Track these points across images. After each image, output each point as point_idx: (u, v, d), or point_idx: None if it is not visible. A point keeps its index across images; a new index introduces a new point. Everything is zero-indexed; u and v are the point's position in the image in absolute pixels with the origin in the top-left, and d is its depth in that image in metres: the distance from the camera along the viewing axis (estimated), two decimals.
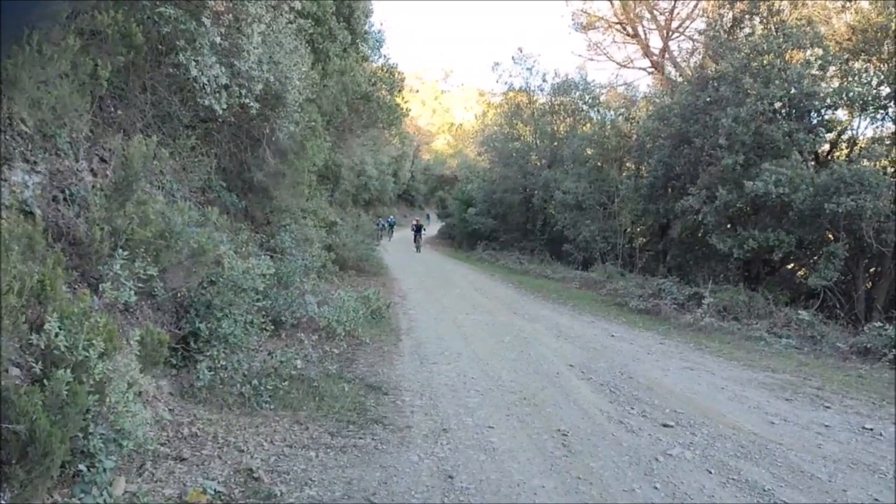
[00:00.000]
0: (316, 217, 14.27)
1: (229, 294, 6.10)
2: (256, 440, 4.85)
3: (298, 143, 10.27)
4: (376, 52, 19.71)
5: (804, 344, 10.74)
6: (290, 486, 4.17)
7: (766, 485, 4.77)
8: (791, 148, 13.34)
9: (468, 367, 8.25)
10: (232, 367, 5.77)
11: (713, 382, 8.06)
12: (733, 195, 13.60)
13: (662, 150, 17.57)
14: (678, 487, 4.66)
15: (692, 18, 23.94)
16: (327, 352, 7.95)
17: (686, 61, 22.75)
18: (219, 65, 6.37)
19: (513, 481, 4.62)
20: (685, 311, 13.26)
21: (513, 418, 6.20)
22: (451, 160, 55.46)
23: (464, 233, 34.28)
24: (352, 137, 18.55)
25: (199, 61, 6.18)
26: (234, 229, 8.47)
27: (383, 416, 5.91)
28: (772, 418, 6.58)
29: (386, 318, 10.89)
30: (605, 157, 23.17)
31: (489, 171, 33.74)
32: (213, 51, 6.36)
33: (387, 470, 4.65)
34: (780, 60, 13.47)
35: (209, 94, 6.41)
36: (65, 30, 4.56)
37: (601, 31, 26.54)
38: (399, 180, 47.37)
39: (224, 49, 6.63)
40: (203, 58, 6.19)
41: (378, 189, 35.63)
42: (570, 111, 27.97)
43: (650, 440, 5.74)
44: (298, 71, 8.40)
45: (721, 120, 13.87)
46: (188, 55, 6.09)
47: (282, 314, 8.05)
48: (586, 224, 21.80)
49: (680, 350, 10.11)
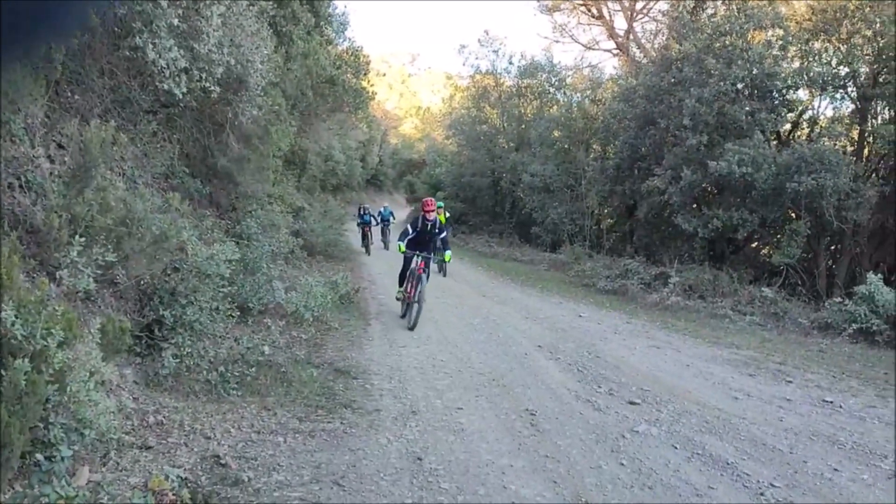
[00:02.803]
0: (283, 202, 14.12)
1: (194, 281, 6.03)
2: (223, 427, 4.81)
3: (262, 127, 10.14)
4: (341, 35, 19.51)
5: (767, 321, 10.96)
6: (257, 472, 4.15)
7: (730, 458, 4.87)
8: (754, 128, 13.53)
9: (437, 349, 8.28)
10: (198, 354, 5.71)
11: (679, 360, 8.19)
12: (698, 175, 13.77)
13: (628, 131, 17.71)
14: (644, 463, 4.74)
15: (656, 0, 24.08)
16: (295, 337, 7.90)
17: (650, 42, 22.93)
18: (177, 48, 6.25)
19: (481, 461, 4.65)
20: (652, 290, 13.45)
21: (482, 399, 6.24)
22: (419, 144, 55.19)
23: None
24: (318, 122, 18.35)
25: (157, 44, 6.05)
26: (198, 215, 8.35)
27: (352, 400, 5.90)
28: (736, 393, 6.71)
29: (355, 302, 10.84)
30: (572, 139, 23.27)
31: (457, 154, 33.70)
32: (172, 33, 6.23)
33: (355, 453, 4.65)
34: (742, 41, 13.63)
35: (168, 77, 6.29)
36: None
37: (566, 12, 26.60)
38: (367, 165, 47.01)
39: (182, 31, 6.50)
40: (161, 40, 6.06)
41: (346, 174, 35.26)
42: (537, 93, 28.00)
43: (617, 418, 5.82)
44: (261, 54, 8.27)
45: (685, 101, 14.01)
46: (145, 38, 5.96)
47: (249, 300, 7.97)
48: (554, 206, 21.92)
49: (646, 329, 10.24)
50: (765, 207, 13.20)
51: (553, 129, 24.31)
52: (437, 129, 47.12)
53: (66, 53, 5.08)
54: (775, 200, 12.94)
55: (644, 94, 16.49)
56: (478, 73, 30.63)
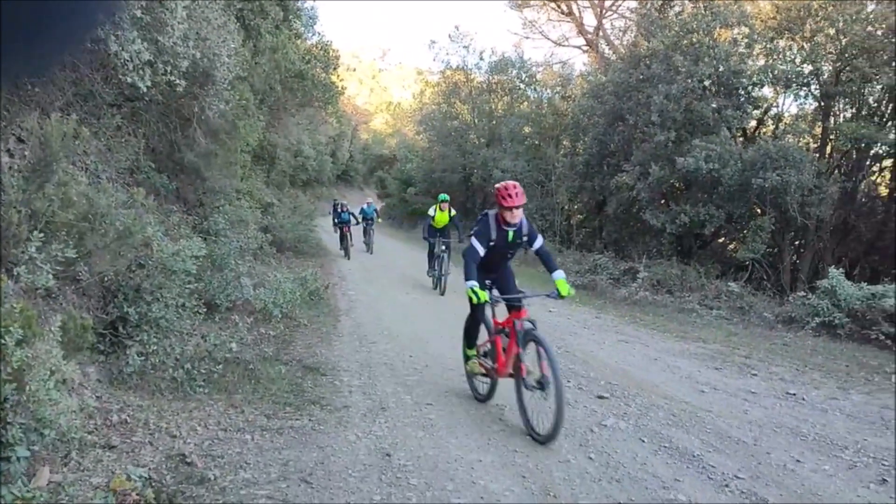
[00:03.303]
0: (251, 198, 13.98)
1: (159, 277, 5.93)
2: (190, 425, 4.74)
3: (230, 122, 10.03)
4: (310, 29, 19.35)
5: (734, 315, 11.11)
6: (224, 470, 4.10)
7: (696, 451, 4.93)
8: (720, 124, 13.70)
9: (408, 345, 8.26)
10: (164, 351, 5.62)
11: (647, 354, 8.27)
12: (666, 171, 13.89)
13: (597, 127, 17.81)
14: (612, 457, 4.77)
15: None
16: (263, 334, 7.83)
17: (619, 39, 23.10)
18: (141, 40, 6.13)
19: (450, 457, 4.65)
20: (620, 285, 13.57)
21: (451, 395, 6.24)
22: (389, 139, 54.97)
23: (404, 213, 34.21)
24: (287, 117, 18.21)
25: (120, 36, 5.93)
26: (164, 211, 8.23)
27: (321, 397, 5.86)
28: (702, 387, 6.79)
29: (324, 299, 10.78)
30: (543, 135, 23.34)
31: (428, 150, 33.65)
32: (135, 25, 6.11)
33: (324, 450, 4.62)
34: (709, 38, 13.77)
35: (132, 70, 6.17)
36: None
37: (536, 8, 26.68)
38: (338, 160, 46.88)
39: (146, 23, 6.38)
40: (123, 32, 5.95)
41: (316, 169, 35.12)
42: (508, 89, 28.04)
43: (586, 412, 5.86)
44: (228, 48, 8.16)
45: (653, 97, 14.12)
46: (107, 29, 5.84)
47: (216, 297, 7.87)
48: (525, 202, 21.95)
49: (615, 324, 10.33)
50: (731, 203, 13.38)
51: (523, 126, 24.37)
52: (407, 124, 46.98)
53: None
54: (741, 196, 13.12)
55: (613, 90, 16.60)
56: (448, 69, 30.59)
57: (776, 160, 12.15)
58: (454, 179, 29.76)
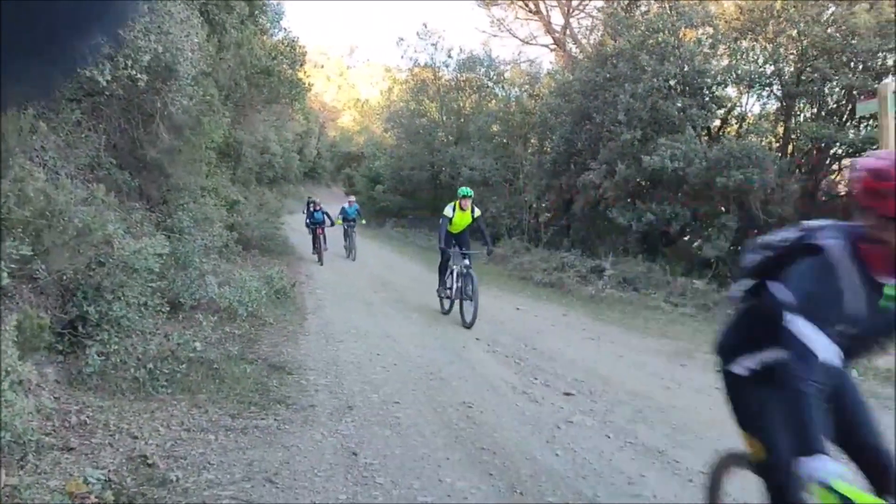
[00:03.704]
0: (217, 196, 13.78)
1: (120, 275, 5.81)
2: (152, 426, 4.66)
3: (194, 118, 9.86)
4: (276, 25, 19.15)
5: (698, 311, 11.25)
6: (186, 471, 4.03)
7: (661, 446, 4.97)
8: (685, 123, 13.87)
9: (375, 344, 8.22)
10: (125, 351, 5.52)
11: (613, 351, 8.33)
12: (632, 170, 14.03)
13: (564, 126, 17.91)
14: (578, 453, 4.79)
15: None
16: (228, 333, 7.72)
17: (586, 38, 23.27)
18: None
19: (417, 455, 4.63)
20: (587, 283, 13.66)
21: (419, 393, 6.22)
22: (357, 137, 54.72)
23: (372, 210, 34.08)
24: (253, 113, 17.99)
25: None
26: (126, 208, 8.07)
27: (287, 396, 5.80)
28: (668, 383, 6.86)
29: (291, 297, 10.68)
30: (511, 133, 23.44)
31: (396, 147, 33.54)
32: None
33: (289, 450, 4.57)
34: (675, 38, 13.94)
35: (91, 64, 6.04)
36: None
37: (504, 7, 26.78)
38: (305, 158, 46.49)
39: None
40: None
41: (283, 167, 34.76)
42: (476, 87, 28.08)
43: (552, 409, 5.88)
44: (191, 42, 8.03)
45: (619, 96, 14.25)
46: None
47: (180, 296, 7.75)
48: (493, 200, 22.03)
49: (582, 321, 10.40)
50: (696, 201, 13.57)
51: (492, 124, 24.44)
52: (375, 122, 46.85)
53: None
54: (706, 194, 13.31)
55: (580, 89, 16.72)
56: (416, 67, 30.56)
57: (740, 159, 12.34)
58: (422, 177, 29.73)
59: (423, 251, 21.96)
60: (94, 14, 0.90)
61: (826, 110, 13.70)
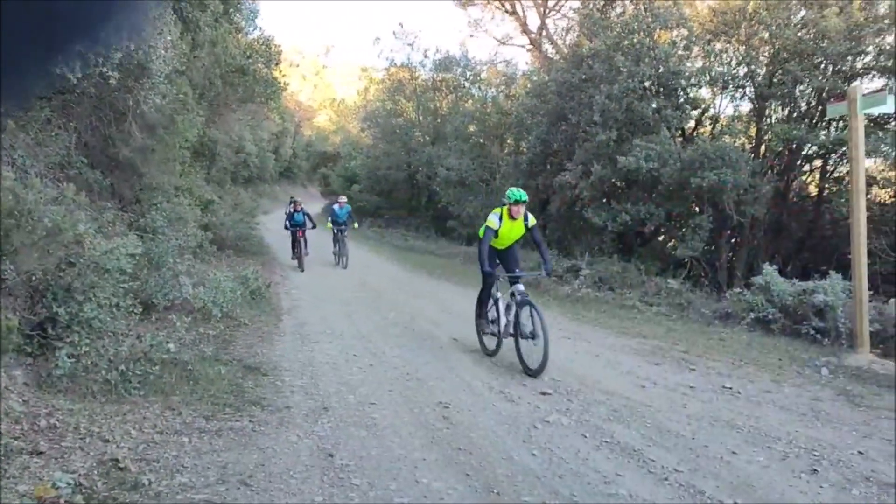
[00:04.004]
0: (191, 195, 13.65)
1: (92, 276, 5.72)
2: (123, 428, 4.59)
3: (168, 117, 9.77)
4: (251, 23, 18.94)
5: (673, 311, 11.33)
6: (159, 475, 3.98)
7: (637, 445, 4.99)
8: (660, 124, 13.97)
9: (351, 344, 8.19)
10: (96, 353, 5.42)
11: (589, 350, 8.37)
12: (607, 170, 14.10)
13: (540, 126, 17.96)
14: (554, 453, 4.80)
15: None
16: (203, 334, 7.64)
17: (562, 39, 23.38)
18: None
19: (394, 456, 4.61)
20: (564, 282, 13.71)
21: (395, 393, 6.20)
22: (333, 136, 54.43)
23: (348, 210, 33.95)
24: (228, 112, 17.85)
25: None
26: (97, 208, 7.96)
27: (262, 398, 5.75)
28: (643, 382, 6.90)
29: (266, 298, 10.60)
30: (487, 133, 23.47)
31: (372, 147, 33.47)
32: None
33: (264, 452, 4.53)
34: (650, 40, 14.04)
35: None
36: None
37: (481, 7, 26.81)
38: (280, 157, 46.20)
39: None
40: None
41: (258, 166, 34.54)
42: (452, 87, 28.09)
43: (529, 408, 5.88)
44: (164, 40, 7.95)
45: (595, 97, 14.32)
46: None
47: (153, 296, 7.66)
48: (470, 200, 22.04)
49: (558, 320, 10.41)
50: (670, 202, 13.67)
51: (468, 124, 24.46)
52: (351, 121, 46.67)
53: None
54: (680, 195, 13.42)
55: (556, 89, 16.77)
56: (393, 66, 30.53)
57: (713, 160, 12.46)
58: (399, 177, 29.69)
59: (399, 251, 21.93)
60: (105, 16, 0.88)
61: (797, 112, 13.88)
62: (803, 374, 7.25)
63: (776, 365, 7.69)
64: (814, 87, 12.74)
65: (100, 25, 0.89)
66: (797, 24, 13.03)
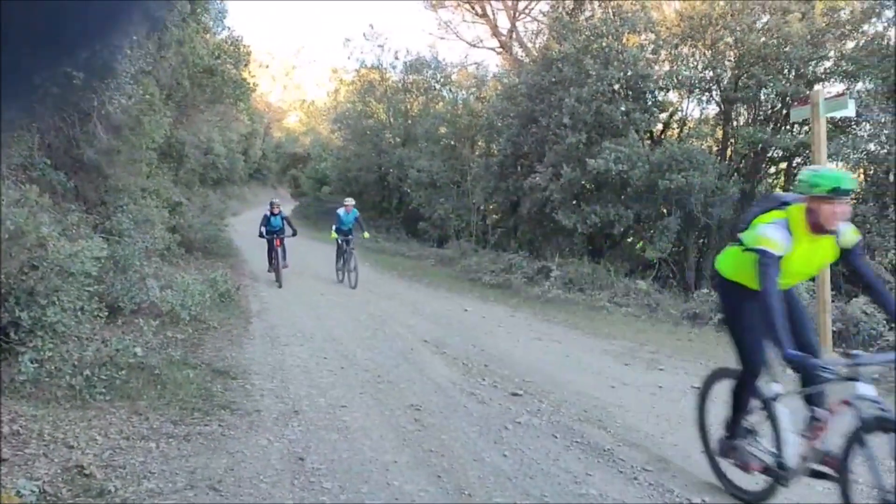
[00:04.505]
0: (158, 197, 13.45)
1: (55, 279, 5.62)
2: (89, 434, 4.51)
3: (134, 117, 9.63)
4: (220, 24, 18.82)
5: (642, 312, 11.45)
6: (125, 481, 3.91)
7: (607, 445, 5.03)
8: (629, 127, 14.09)
9: (322, 347, 8.14)
10: (60, 357, 5.33)
11: (560, 351, 8.42)
12: (577, 173, 14.18)
13: (511, 128, 18.01)
14: (525, 453, 4.82)
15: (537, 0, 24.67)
16: (170, 338, 7.53)
17: (532, 42, 23.48)
18: None
19: (365, 458, 4.59)
20: (534, 284, 13.77)
21: (366, 396, 6.18)
22: (303, 138, 53.97)
23: (319, 212, 33.70)
24: (196, 113, 17.65)
25: None
26: (61, 210, 7.82)
27: (231, 402, 5.70)
28: (612, 382, 6.96)
29: (235, 300, 10.49)
30: (458, 135, 23.44)
31: (343, 149, 33.24)
32: None
33: (234, 456, 4.48)
34: (618, 43, 14.15)
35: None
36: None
37: (451, 9, 26.82)
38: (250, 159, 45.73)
39: None
40: None
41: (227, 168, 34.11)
42: (423, 89, 28.01)
43: (500, 410, 5.90)
44: (130, 40, 7.81)
45: (565, 100, 14.39)
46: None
47: (119, 300, 7.55)
48: (440, 202, 22.02)
49: (529, 322, 10.48)
50: (639, 203, 13.80)
51: (439, 126, 24.42)
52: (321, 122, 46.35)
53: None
54: (649, 197, 13.55)
55: (526, 92, 16.83)
56: (363, 68, 30.33)
57: (681, 162, 12.61)
58: (370, 179, 29.54)
59: (368, 252, 21.80)
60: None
61: (762, 115, 14.11)
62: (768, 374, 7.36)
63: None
64: (778, 90, 12.94)
65: (70, 27, 0.87)
66: (761, 29, 13.24)
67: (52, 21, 0.83)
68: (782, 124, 13.58)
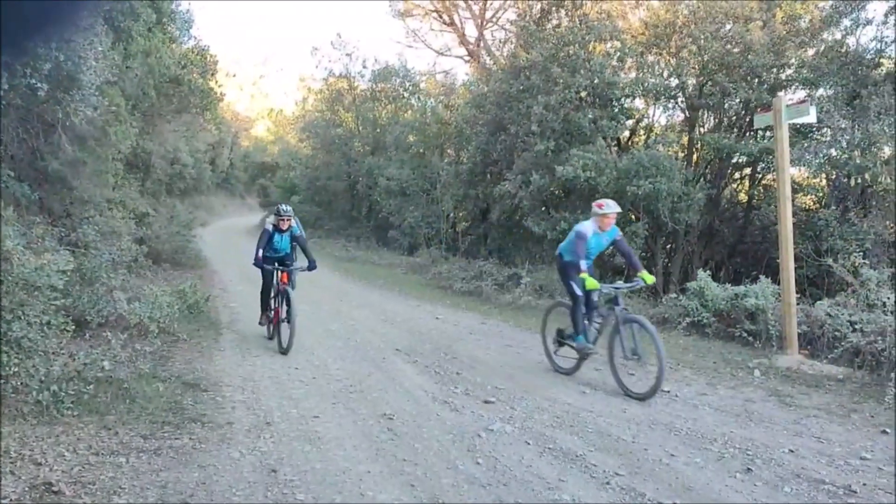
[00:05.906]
0: (125, 208, 13.31)
1: (20, 293, 5.54)
2: (57, 451, 4.45)
3: (100, 128, 9.52)
4: (186, 33, 18.63)
5: None
6: (95, 497, 3.87)
7: (579, 451, 5.08)
8: (596, 134, 14.26)
9: (293, 358, 8.09)
10: (26, 373, 5.24)
11: (531, 358, 8.46)
12: (546, 180, 14.29)
13: (480, 136, 18.11)
14: (499, 461, 4.85)
15: (504, 9, 24.93)
16: (139, 350, 7.44)
17: (500, 50, 23.61)
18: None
19: (338, 469, 4.59)
20: (505, 291, 13.83)
21: (339, 406, 6.17)
22: (271, 147, 53.63)
23: None
24: (162, 123, 17.47)
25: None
26: (25, 223, 7.70)
27: (202, 414, 5.65)
28: (583, 388, 7.03)
29: (205, 312, 10.38)
30: (427, 143, 23.52)
31: (312, 157, 33.10)
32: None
33: (206, 469, 4.45)
34: (584, 51, 14.31)
35: None
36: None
37: (419, 18, 26.98)
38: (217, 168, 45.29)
39: None
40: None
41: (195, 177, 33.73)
42: (392, 98, 28.05)
43: (473, 417, 5.93)
44: (94, 50, 7.75)
45: (533, 107, 14.51)
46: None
47: (86, 313, 7.45)
48: (410, 210, 22.05)
49: (500, 329, 10.53)
50: None
51: (408, 134, 24.48)
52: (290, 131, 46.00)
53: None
54: (617, 203, 13.69)
55: (495, 100, 16.94)
56: (331, 76, 30.27)
57: (648, 168, 12.77)
58: (339, 187, 29.47)
59: (339, 261, 21.74)
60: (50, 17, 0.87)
61: (727, 122, 14.38)
62: (737, 377, 7.50)
63: (711, 368, 7.93)
64: (741, 97, 13.18)
65: (29, 36, 0.88)
66: (724, 37, 13.49)
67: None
68: (746, 130, 13.85)
